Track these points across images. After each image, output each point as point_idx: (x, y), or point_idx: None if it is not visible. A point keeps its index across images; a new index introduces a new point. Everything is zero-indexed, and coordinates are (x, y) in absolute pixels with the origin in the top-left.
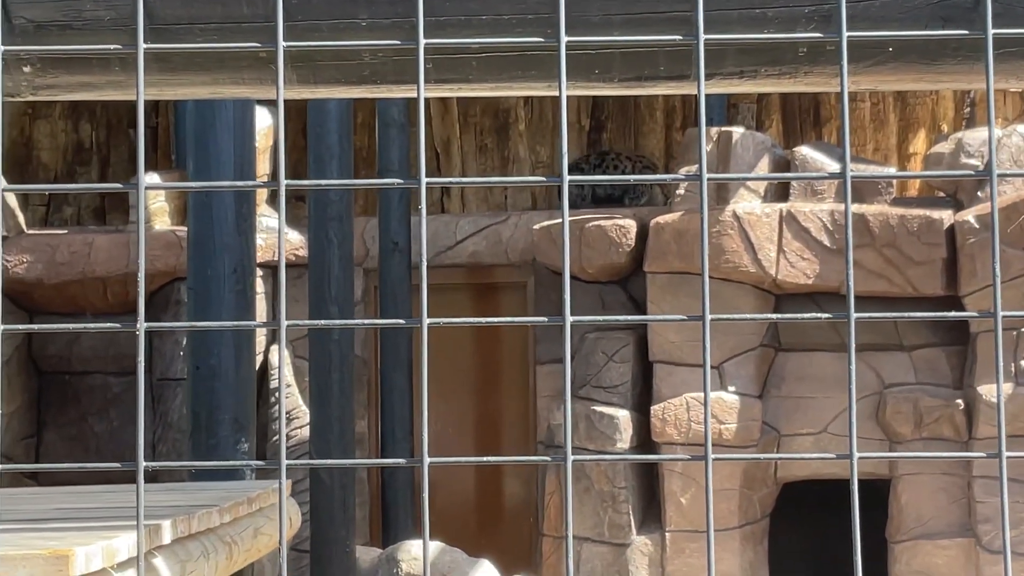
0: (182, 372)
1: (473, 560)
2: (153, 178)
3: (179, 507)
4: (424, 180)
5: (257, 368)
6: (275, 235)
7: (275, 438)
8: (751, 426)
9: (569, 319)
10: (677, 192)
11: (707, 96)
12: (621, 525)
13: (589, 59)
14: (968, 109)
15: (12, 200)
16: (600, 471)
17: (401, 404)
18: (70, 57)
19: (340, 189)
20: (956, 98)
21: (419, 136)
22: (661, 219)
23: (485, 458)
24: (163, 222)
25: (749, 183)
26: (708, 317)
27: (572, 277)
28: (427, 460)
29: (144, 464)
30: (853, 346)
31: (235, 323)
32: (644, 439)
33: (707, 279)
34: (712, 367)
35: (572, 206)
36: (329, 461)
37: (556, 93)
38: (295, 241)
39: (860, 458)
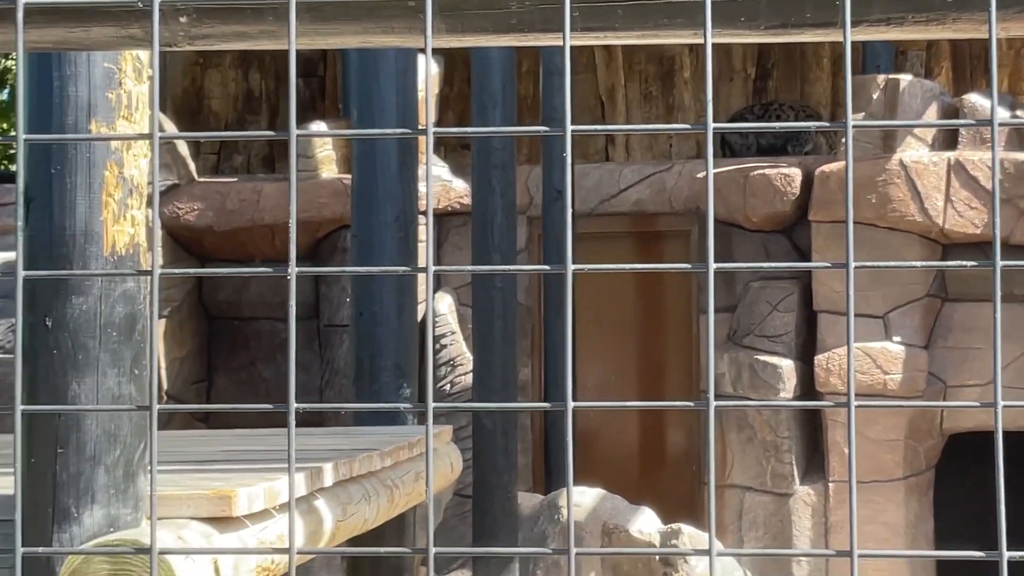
0: (349, 319)
1: (634, 507)
2: (320, 127)
3: (341, 450)
4: (569, 128)
5: (421, 316)
6: (438, 183)
7: (438, 384)
8: (916, 377)
9: (712, 266)
10: (842, 140)
11: (875, 44)
12: (784, 475)
13: (735, 6)
14: None
15: (184, 149)
16: (763, 420)
17: (564, 351)
18: (224, 7)
19: (503, 138)
20: None
21: (565, 84)
22: (827, 168)
23: (630, 403)
24: (330, 170)
25: (916, 131)
26: (852, 265)
27: (736, 226)
28: (571, 404)
29: (295, 406)
30: (999, 295)
31: (382, 268)
32: (807, 389)
33: (851, 225)
34: (877, 317)
35: (736, 155)
36: (476, 405)
37: (702, 41)
38: (459, 189)
39: (1005, 407)
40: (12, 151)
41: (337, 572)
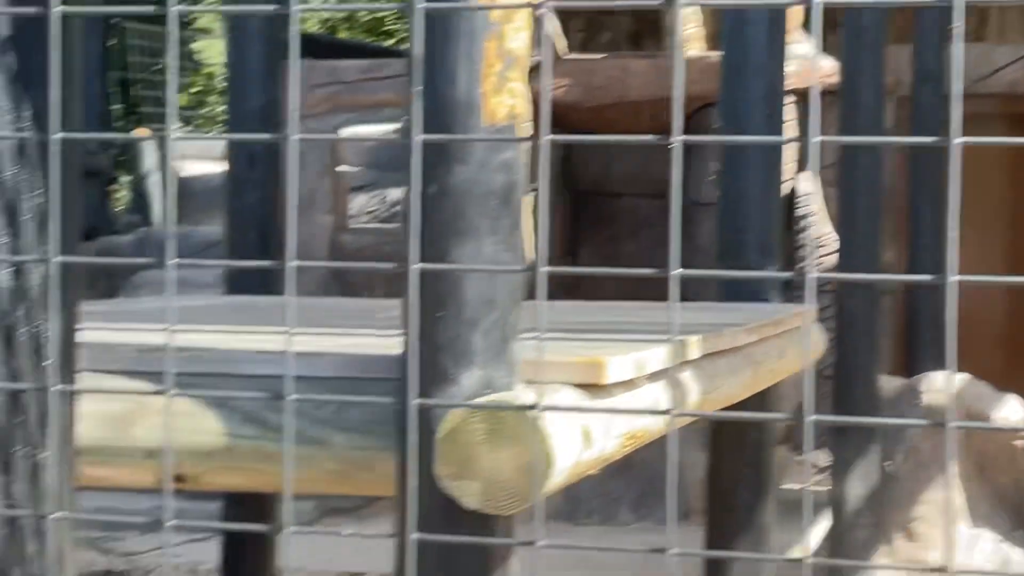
0: (714, 196)
1: (999, 394)
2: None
3: (708, 324)
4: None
5: (785, 195)
6: (804, 61)
7: (801, 264)
8: None
9: None
10: None
11: None
12: None
13: None
14: None
15: (553, 27)
16: None
17: (930, 234)
18: None
19: (873, 16)
20: None
21: None
22: None
23: (1015, 278)
24: (698, 47)
25: None
26: None
27: None
28: (952, 278)
29: (677, 271)
30: None
31: (758, 138)
32: None
33: None
34: None
35: None
36: (850, 275)
37: None
38: (827, 68)
39: None
40: (387, 28)
41: (697, 450)
